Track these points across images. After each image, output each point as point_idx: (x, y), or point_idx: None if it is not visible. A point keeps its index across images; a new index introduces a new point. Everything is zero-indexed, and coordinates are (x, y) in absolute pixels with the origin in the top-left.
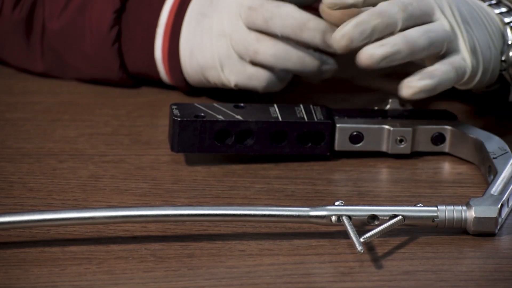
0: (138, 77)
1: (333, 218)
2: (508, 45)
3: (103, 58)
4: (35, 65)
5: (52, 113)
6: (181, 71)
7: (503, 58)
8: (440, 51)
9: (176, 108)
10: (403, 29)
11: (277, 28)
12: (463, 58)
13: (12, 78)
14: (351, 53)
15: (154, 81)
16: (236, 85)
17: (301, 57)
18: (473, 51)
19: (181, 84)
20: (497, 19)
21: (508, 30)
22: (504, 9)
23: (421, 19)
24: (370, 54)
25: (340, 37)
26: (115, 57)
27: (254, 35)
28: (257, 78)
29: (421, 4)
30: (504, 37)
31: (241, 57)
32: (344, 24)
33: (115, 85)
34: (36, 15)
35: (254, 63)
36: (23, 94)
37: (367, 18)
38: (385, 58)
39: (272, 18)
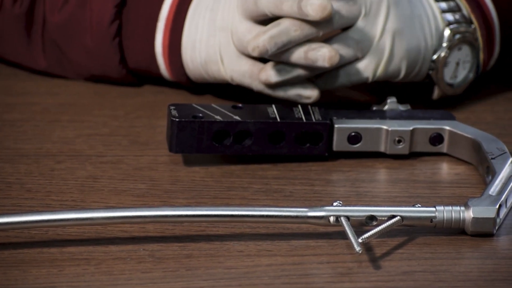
0: (137, 73)
1: (331, 219)
2: (442, 46)
3: (103, 53)
4: (37, 62)
5: (50, 114)
6: (182, 66)
7: (433, 58)
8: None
9: (174, 109)
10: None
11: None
12: (365, 67)
13: (11, 79)
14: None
15: (153, 77)
16: (232, 80)
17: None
18: (388, 61)
19: (182, 79)
20: (439, 18)
21: (447, 31)
22: (452, 3)
23: (345, 25)
24: (267, 76)
25: (252, 49)
26: (115, 51)
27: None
28: (250, 72)
29: (349, 12)
30: (441, 37)
31: (241, 52)
32: (262, 33)
33: (114, 82)
34: (36, 8)
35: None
36: (21, 95)
37: (286, 28)
38: (281, 82)
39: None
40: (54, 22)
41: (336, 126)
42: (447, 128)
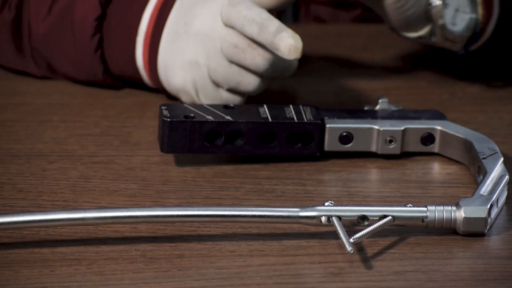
0: (123, 79)
1: (323, 219)
2: None
3: (87, 64)
4: (29, 68)
5: (42, 114)
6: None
7: None
8: None
9: (165, 109)
10: None
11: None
12: None
13: (2, 80)
14: None
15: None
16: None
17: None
18: None
19: (164, 91)
20: None
21: None
22: None
23: None
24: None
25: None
26: (99, 63)
27: (235, 68)
28: (232, 100)
29: None
30: None
31: (218, 85)
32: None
33: (103, 86)
34: (23, 17)
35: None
36: (12, 95)
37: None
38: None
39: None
40: (38, 32)
41: (327, 126)
42: (439, 128)
